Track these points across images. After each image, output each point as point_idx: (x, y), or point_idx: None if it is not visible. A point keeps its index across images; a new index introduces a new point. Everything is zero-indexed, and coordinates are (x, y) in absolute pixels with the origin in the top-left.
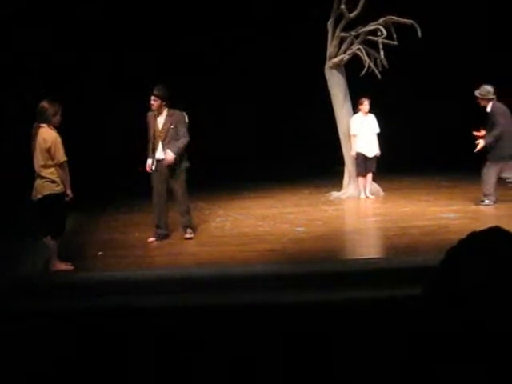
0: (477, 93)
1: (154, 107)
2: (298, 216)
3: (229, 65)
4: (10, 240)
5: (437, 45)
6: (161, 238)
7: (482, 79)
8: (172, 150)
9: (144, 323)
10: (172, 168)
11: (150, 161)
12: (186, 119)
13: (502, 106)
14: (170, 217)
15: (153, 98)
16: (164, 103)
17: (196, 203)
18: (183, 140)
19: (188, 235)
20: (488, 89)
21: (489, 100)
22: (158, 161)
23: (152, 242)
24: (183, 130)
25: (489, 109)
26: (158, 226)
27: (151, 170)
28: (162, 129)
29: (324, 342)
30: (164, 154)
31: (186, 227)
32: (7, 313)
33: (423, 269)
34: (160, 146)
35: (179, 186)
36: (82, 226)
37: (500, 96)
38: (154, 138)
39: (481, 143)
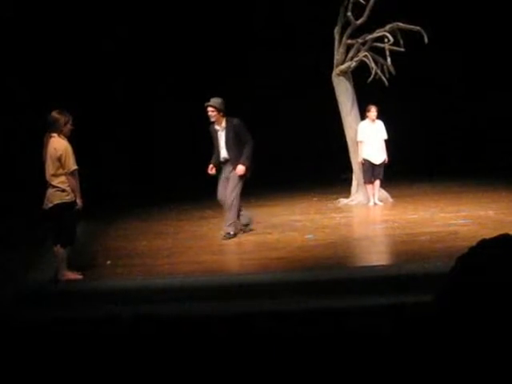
0: (213, 103)
1: None
2: (306, 223)
3: (236, 71)
4: (20, 249)
5: (442, 51)
6: None
7: (484, 85)
8: None
9: (153, 332)
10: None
11: None
12: None
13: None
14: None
15: None
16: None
17: (204, 211)
18: None
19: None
20: (221, 101)
21: (224, 114)
22: None
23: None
24: None
25: (225, 124)
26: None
27: None
28: None
29: (332, 348)
30: None
31: None
32: (17, 321)
33: (433, 276)
34: None
35: None
36: (91, 235)
37: None
38: None
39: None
